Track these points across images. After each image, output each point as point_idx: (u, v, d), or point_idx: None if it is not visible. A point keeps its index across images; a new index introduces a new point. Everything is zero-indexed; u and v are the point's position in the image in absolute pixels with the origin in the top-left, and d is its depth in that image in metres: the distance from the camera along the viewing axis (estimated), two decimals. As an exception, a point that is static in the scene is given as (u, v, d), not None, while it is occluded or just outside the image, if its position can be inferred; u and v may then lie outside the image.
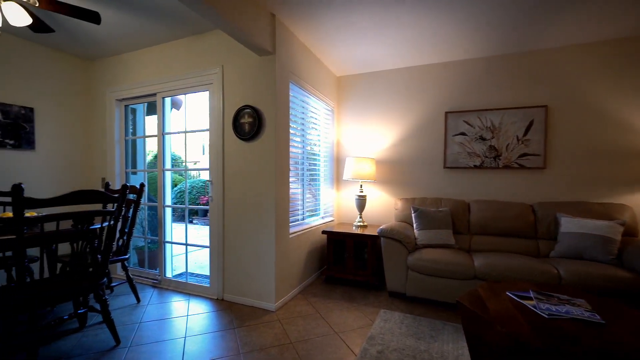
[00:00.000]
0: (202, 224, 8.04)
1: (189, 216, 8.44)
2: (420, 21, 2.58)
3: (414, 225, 3.07)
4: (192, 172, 9.73)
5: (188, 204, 8.13)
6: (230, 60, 2.75)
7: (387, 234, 2.85)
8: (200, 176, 9.94)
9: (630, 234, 2.64)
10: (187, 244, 3.14)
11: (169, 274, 3.16)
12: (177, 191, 8.13)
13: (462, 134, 3.32)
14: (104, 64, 3.49)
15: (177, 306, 2.66)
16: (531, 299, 1.61)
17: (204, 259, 4.46)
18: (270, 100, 2.59)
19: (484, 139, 3.24)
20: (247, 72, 2.67)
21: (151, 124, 4.04)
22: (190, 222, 8.33)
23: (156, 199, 3.26)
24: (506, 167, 3.15)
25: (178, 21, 2.65)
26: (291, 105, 2.87)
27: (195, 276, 3.57)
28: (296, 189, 3.08)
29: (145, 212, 3.69)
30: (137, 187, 2.75)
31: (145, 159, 4.06)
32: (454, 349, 2.00)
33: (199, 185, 8.41)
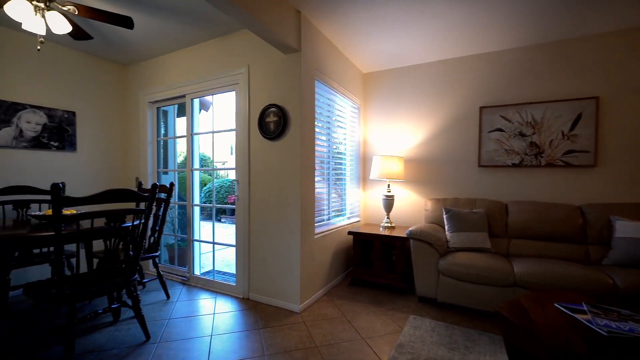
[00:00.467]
0: (230, 223, 8.23)
1: (217, 214, 8.68)
2: (454, 10, 2.42)
3: (446, 227, 2.90)
4: (221, 172, 10.00)
5: (216, 202, 8.36)
6: (256, 60, 2.74)
7: (417, 236, 2.71)
8: (228, 176, 10.19)
9: (702, 241, 2.31)
10: (214, 243, 3.19)
11: (197, 272, 3.23)
12: (207, 190, 8.38)
13: (499, 130, 3.10)
14: (137, 68, 3.64)
15: (204, 304, 2.69)
16: (585, 312, 1.43)
17: (231, 257, 4.53)
18: (295, 98, 2.55)
19: (523, 135, 3.00)
20: (273, 70, 2.65)
21: (182, 125, 4.16)
22: (219, 220, 8.56)
23: (186, 197, 3.34)
24: (549, 165, 2.90)
25: (205, 23, 2.69)
26: (317, 103, 2.82)
27: (222, 274, 3.62)
28: (322, 188, 3.02)
29: (176, 210, 3.80)
30: (167, 186, 2.82)
31: (176, 159, 4.19)
32: (492, 363, 1.85)
33: (227, 184, 8.62)
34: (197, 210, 3.32)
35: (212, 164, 3.89)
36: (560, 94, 2.89)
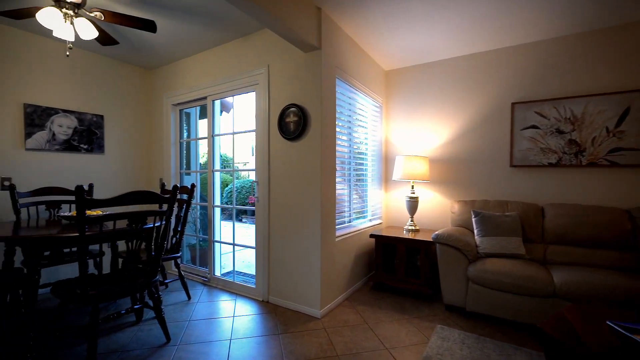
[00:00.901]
0: (251, 222, 8.30)
1: (238, 215, 8.79)
2: (482, 1, 2.26)
3: (475, 231, 2.73)
4: (242, 172, 10.14)
5: (238, 203, 8.47)
6: (275, 59, 2.70)
7: (444, 240, 2.56)
8: (249, 176, 10.33)
9: None
10: (234, 244, 3.18)
11: (217, 273, 3.24)
12: (228, 191, 8.52)
13: (533, 127, 2.88)
14: (161, 71, 3.72)
15: (224, 306, 2.68)
16: (643, 332, 1.26)
17: (251, 258, 4.54)
18: (315, 97, 2.48)
19: (561, 132, 2.77)
20: (293, 69, 2.60)
21: (204, 127, 4.21)
22: (240, 220, 8.67)
23: (207, 198, 3.36)
24: (592, 164, 2.65)
25: (226, 24, 2.68)
26: (337, 102, 2.74)
27: (242, 275, 3.62)
28: (342, 189, 2.94)
29: (198, 211, 3.84)
30: (189, 187, 2.85)
31: (198, 160, 4.25)
32: (531, 382, 1.69)
33: (248, 185, 8.72)
34: (217, 212, 3.33)
35: (233, 164, 3.91)
36: (603, 87, 2.64)
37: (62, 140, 3.08)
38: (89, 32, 2.23)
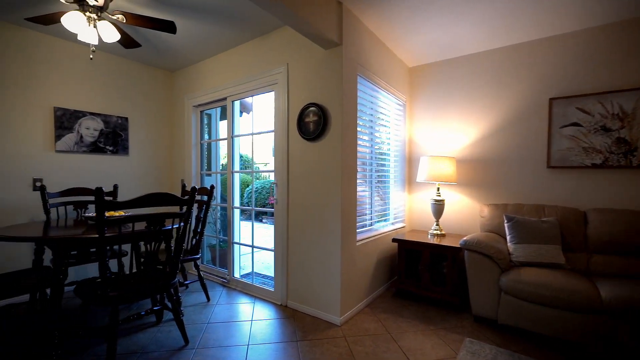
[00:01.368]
0: (271, 223, 8.33)
1: (259, 215, 8.85)
2: (520, -14, 2.08)
3: (508, 238, 2.53)
4: (263, 173, 10.22)
5: (258, 204, 8.52)
6: (294, 58, 2.64)
7: (473, 247, 2.39)
8: (270, 177, 10.39)
9: None
10: (253, 246, 3.15)
11: (236, 274, 3.22)
12: (249, 192, 8.59)
13: (575, 124, 2.63)
14: (182, 73, 3.76)
15: (243, 309, 2.65)
16: None
17: (270, 259, 4.51)
18: (336, 96, 2.39)
19: (608, 129, 2.51)
20: (312, 67, 2.52)
21: (224, 128, 4.24)
22: (260, 220, 8.72)
23: (227, 200, 3.35)
24: (644, 166, 2.38)
25: (244, 24, 2.65)
26: (359, 100, 2.63)
27: (261, 277, 3.59)
28: (363, 191, 2.83)
29: (218, 211, 3.85)
30: (208, 188, 2.84)
31: (219, 161, 4.27)
32: (576, 409, 1.51)
33: (268, 185, 8.75)
34: (237, 213, 3.31)
35: (253, 165, 3.89)
36: (658, 78, 2.36)
37: (89, 142, 3.17)
38: (111, 35, 2.26)
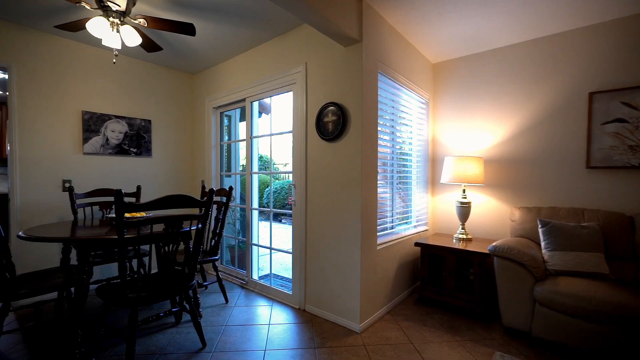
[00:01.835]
0: (290, 224, 8.32)
1: (278, 216, 8.88)
2: (557, -29, 1.91)
3: (542, 244, 2.34)
4: (282, 173, 10.27)
5: (277, 204, 8.55)
6: (313, 56, 2.58)
7: (504, 254, 2.23)
8: (289, 177, 10.44)
9: None
10: (271, 248, 3.12)
11: (255, 276, 3.20)
12: (269, 192, 8.65)
13: (619, 120, 2.40)
14: (203, 76, 3.80)
15: (261, 312, 2.62)
16: None
17: (289, 260, 4.48)
18: (356, 94, 2.31)
19: (658, 126, 2.27)
20: (331, 66, 2.45)
21: (244, 129, 4.25)
22: (279, 221, 8.74)
23: (245, 201, 3.35)
24: (702, 166, 2.13)
25: (262, 24, 2.62)
26: (379, 99, 2.53)
27: (279, 279, 3.56)
28: (384, 193, 2.72)
29: (237, 212, 3.87)
30: (227, 190, 2.84)
31: (239, 162, 4.29)
32: None
33: (287, 185, 8.78)
34: (255, 214, 3.30)
35: (272, 166, 3.87)
36: None
37: (115, 144, 3.26)
38: (133, 38, 2.30)
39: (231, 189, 2.81)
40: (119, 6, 2.15)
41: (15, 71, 2.72)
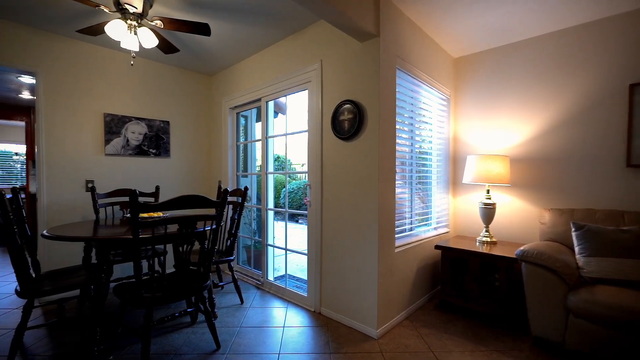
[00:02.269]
0: (307, 224, 8.30)
1: (295, 216, 8.88)
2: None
3: (576, 249, 2.17)
4: (299, 173, 10.27)
5: (294, 204, 8.55)
6: (328, 53, 2.52)
7: (533, 259, 2.07)
8: (306, 177, 10.43)
9: None
10: (286, 249, 3.09)
11: (270, 277, 3.18)
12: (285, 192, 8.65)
13: (665, 114, 2.19)
14: (220, 76, 3.83)
15: (276, 314, 2.58)
16: None
17: (304, 261, 4.44)
18: (373, 91, 2.22)
19: None
20: (348, 62, 2.38)
21: (260, 129, 4.25)
22: (296, 221, 8.74)
23: (261, 201, 3.33)
24: None
25: (276, 22, 2.59)
26: (397, 95, 2.43)
27: (295, 280, 3.53)
28: (403, 194, 2.62)
29: (253, 212, 3.86)
30: (242, 190, 2.82)
31: (255, 162, 4.30)
32: None
33: (303, 186, 8.76)
34: (271, 215, 3.28)
35: (289, 166, 3.84)
36: None
37: (135, 145, 3.34)
38: (150, 40, 2.32)
39: (246, 189, 2.80)
40: (136, 8, 2.17)
41: (42, 76, 2.83)
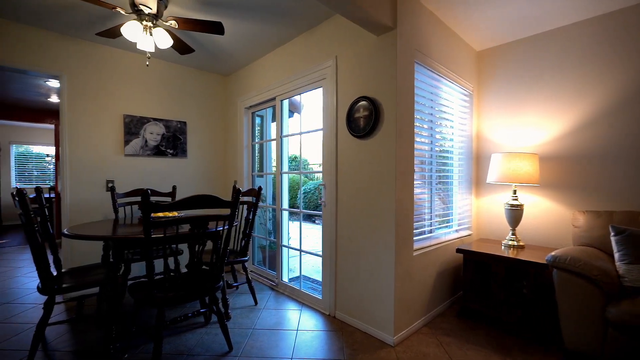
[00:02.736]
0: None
1: (312, 217, 8.83)
2: None
3: (616, 256, 1.97)
4: (317, 174, 10.22)
5: (311, 205, 8.50)
6: (343, 49, 2.44)
7: (567, 265, 1.91)
8: (322, 178, 10.36)
9: None
10: (300, 250, 3.04)
11: (285, 278, 3.14)
12: (303, 192, 8.63)
13: None
14: (235, 77, 3.83)
15: (290, 316, 2.53)
16: None
17: (319, 262, 4.37)
18: (389, 87, 2.12)
19: None
20: (363, 57, 2.30)
21: (275, 129, 4.23)
22: (313, 222, 8.69)
23: (275, 201, 3.30)
24: None
25: (290, 19, 2.54)
26: (416, 91, 2.32)
27: (310, 281, 3.47)
28: (422, 194, 2.50)
29: (269, 213, 3.84)
30: (256, 190, 2.80)
31: (271, 162, 4.28)
32: None
33: (318, 186, 8.70)
34: (285, 215, 3.24)
35: (307, 166, 3.79)
36: None
37: (153, 146, 3.39)
38: (165, 41, 2.33)
39: (260, 189, 2.77)
40: (151, 9, 2.19)
41: (65, 79, 2.92)
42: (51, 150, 7.93)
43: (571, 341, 1.91)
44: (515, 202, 2.55)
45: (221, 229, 1.95)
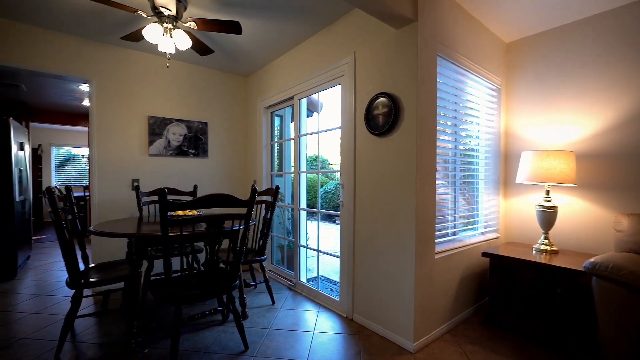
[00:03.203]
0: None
1: (331, 216, 8.78)
2: None
3: (666, 264, 1.77)
4: (337, 173, 10.16)
5: (331, 205, 8.45)
6: (362, 45, 2.37)
7: (609, 274, 1.73)
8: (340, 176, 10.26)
9: None
10: (318, 250, 3.00)
11: (303, 279, 3.11)
12: (323, 192, 8.60)
13: None
14: (254, 77, 3.86)
15: (306, 317, 2.50)
16: None
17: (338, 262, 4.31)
18: (410, 82, 2.03)
19: None
20: (382, 52, 2.22)
21: (294, 128, 4.22)
22: (333, 222, 8.64)
23: (293, 201, 3.28)
24: None
25: (307, 16, 2.51)
26: (439, 86, 2.21)
27: (328, 282, 3.43)
28: (445, 194, 2.38)
29: (288, 212, 3.83)
30: (274, 189, 2.79)
31: (290, 162, 4.27)
32: None
33: (335, 185, 8.62)
34: (303, 215, 3.21)
35: (327, 166, 3.75)
36: None
37: (175, 146, 3.48)
38: (184, 42, 2.37)
39: (277, 188, 2.76)
40: (171, 11, 2.23)
41: (94, 83, 3.05)
42: (86, 151, 8.42)
43: (612, 357, 1.73)
44: (548, 204, 2.37)
45: (237, 228, 1.95)
